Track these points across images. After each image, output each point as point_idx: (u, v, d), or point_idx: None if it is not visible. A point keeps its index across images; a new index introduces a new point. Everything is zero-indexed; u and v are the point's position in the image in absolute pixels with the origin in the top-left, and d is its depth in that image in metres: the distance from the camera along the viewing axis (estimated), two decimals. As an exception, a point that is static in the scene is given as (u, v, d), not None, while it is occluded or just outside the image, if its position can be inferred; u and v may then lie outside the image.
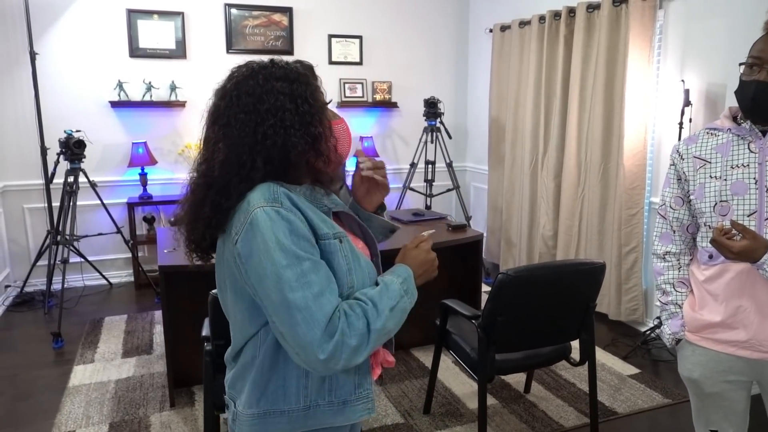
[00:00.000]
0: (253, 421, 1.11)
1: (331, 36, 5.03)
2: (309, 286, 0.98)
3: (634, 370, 3.21)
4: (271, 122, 1.06)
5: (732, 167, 1.50)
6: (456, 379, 3.11)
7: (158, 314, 3.93)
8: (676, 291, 1.66)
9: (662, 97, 3.50)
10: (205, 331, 2.17)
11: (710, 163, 1.55)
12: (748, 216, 1.46)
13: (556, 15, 4.15)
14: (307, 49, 4.96)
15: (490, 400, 2.85)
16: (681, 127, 3.23)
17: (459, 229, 3.44)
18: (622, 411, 2.80)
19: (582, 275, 2.28)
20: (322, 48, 5.03)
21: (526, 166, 4.60)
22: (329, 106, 1.18)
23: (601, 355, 3.36)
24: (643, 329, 3.67)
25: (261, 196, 1.03)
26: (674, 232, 1.67)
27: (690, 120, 3.23)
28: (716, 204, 1.52)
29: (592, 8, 3.83)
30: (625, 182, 3.65)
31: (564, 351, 2.50)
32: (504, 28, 4.81)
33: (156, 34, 4.55)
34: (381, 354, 1.22)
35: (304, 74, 1.12)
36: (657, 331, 1.64)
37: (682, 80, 3.20)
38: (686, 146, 1.62)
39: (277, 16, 4.84)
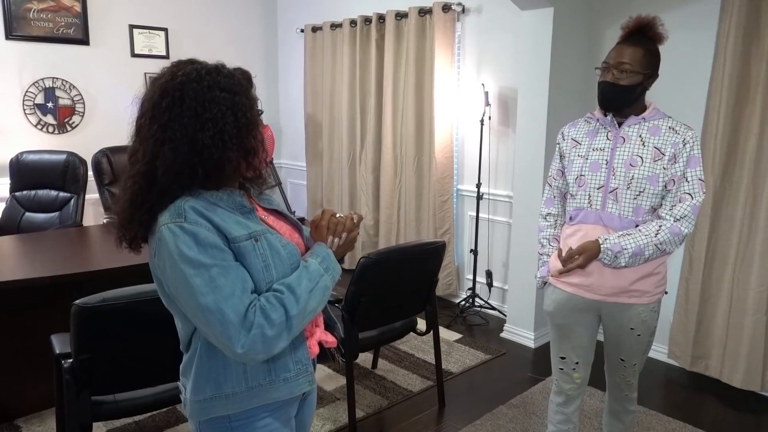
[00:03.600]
0: (200, 405, 1.18)
1: (132, 26, 4.68)
2: (218, 290, 1.05)
3: (457, 336, 3.69)
4: (210, 133, 1.09)
5: (593, 149, 1.90)
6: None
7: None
8: (549, 245, 2.07)
9: (464, 98, 4.05)
10: (60, 347, 1.96)
11: (581, 144, 1.94)
12: (597, 188, 1.87)
13: (367, 20, 4.47)
14: (106, 39, 4.55)
15: (344, 380, 3.04)
16: (482, 124, 3.78)
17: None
18: (456, 370, 3.22)
19: (429, 253, 2.58)
20: (123, 39, 4.66)
21: (344, 161, 4.87)
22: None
23: (424, 324, 3.79)
24: (457, 300, 4.21)
25: (168, 212, 1.09)
26: (555, 198, 2.08)
27: (489, 118, 3.80)
28: (577, 177, 1.91)
29: (401, 16, 4.23)
30: (437, 173, 4.13)
31: (412, 324, 2.79)
32: (315, 29, 5.00)
33: None
34: (318, 334, 1.31)
35: (246, 87, 1.17)
36: (535, 274, 2.12)
37: (483, 83, 3.75)
38: (568, 129, 2.01)
39: (67, 1, 4.34)
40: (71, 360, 1.84)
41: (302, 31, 5.14)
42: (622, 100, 1.84)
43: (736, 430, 2.69)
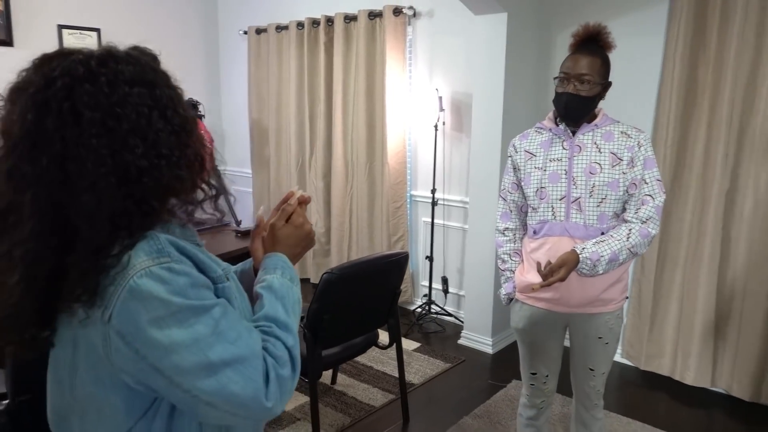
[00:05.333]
0: None
1: (61, 26, 4.36)
2: (226, 335, 0.80)
3: (415, 345, 3.63)
4: (141, 150, 0.78)
5: (550, 160, 1.86)
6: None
7: None
8: (512, 260, 2.00)
9: (417, 103, 4.00)
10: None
11: (536, 156, 1.89)
12: (560, 200, 1.83)
13: (315, 23, 4.35)
14: (32, 40, 4.21)
15: (304, 398, 2.91)
16: (436, 129, 3.74)
17: (247, 235, 3.39)
18: (417, 381, 3.15)
19: (392, 265, 2.51)
20: (51, 40, 4.33)
21: (292, 167, 4.73)
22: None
23: (385, 337, 3.71)
24: (413, 308, 4.15)
25: (141, 252, 0.78)
26: (512, 212, 2.00)
27: (443, 123, 3.77)
28: (537, 189, 1.87)
29: (350, 19, 4.13)
30: (390, 179, 4.06)
31: (374, 337, 2.71)
32: (260, 31, 4.83)
33: None
34: None
35: (162, 71, 0.85)
36: (499, 290, 2.03)
37: (437, 89, 3.71)
38: (520, 141, 1.95)
39: (-14, -2, 4.00)
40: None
41: (245, 33, 4.96)
42: (585, 111, 1.83)
43: (690, 426, 2.76)
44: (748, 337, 2.86)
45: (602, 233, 1.82)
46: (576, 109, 1.81)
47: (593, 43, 1.82)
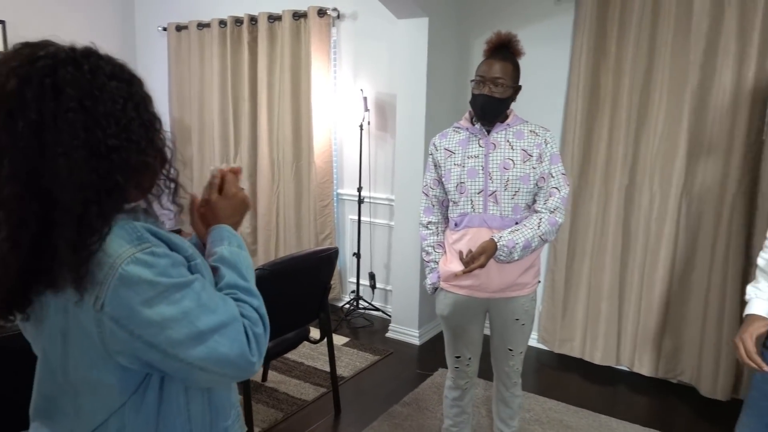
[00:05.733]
0: None
1: (-40, 17, 4.08)
2: (208, 305, 0.89)
3: (345, 340, 3.70)
4: (112, 131, 0.82)
5: (468, 157, 1.99)
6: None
7: None
8: (435, 252, 2.13)
9: (342, 103, 4.08)
10: None
11: (455, 153, 2.02)
12: (478, 193, 1.97)
13: (238, 21, 4.32)
14: (-74, 30, 3.92)
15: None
16: (362, 129, 3.84)
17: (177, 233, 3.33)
18: (347, 374, 3.23)
19: (322, 261, 2.57)
20: (-51, 30, 4.05)
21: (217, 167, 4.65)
22: None
23: (316, 332, 3.76)
24: (341, 304, 4.23)
25: (122, 241, 0.83)
26: (434, 206, 2.13)
27: (369, 123, 3.87)
28: (457, 184, 2.00)
29: (274, 19, 4.15)
30: (317, 178, 4.11)
31: (305, 333, 2.76)
32: (180, 28, 4.73)
33: None
34: None
35: (137, 76, 0.93)
36: (424, 281, 2.14)
37: (361, 89, 3.80)
38: (440, 140, 2.08)
39: None
40: None
41: (165, 29, 4.83)
42: (499, 111, 1.99)
43: (599, 401, 3.02)
44: (646, 317, 3.17)
45: (516, 223, 1.98)
46: (491, 110, 1.97)
47: (505, 50, 1.99)
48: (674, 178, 2.98)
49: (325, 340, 2.79)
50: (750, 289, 1.63)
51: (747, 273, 2.84)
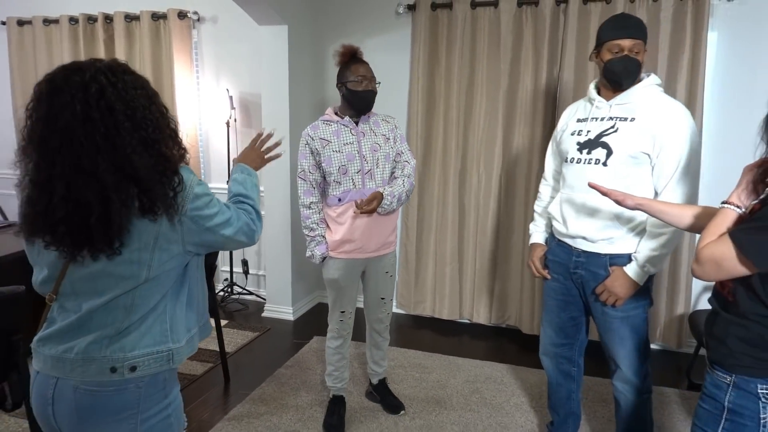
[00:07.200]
0: (185, 348, 1.38)
1: None
2: (225, 207, 1.38)
3: (223, 322, 3.97)
4: (151, 128, 1.22)
5: (344, 144, 2.45)
6: None
7: None
8: (319, 227, 2.52)
9: (207, 102, 4.30)
10: None
11: (331, 142, 2.45)
12: (357, 173, 2.44)
13: (91, 19, 4.31)
14: None
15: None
16: (228, 126, 4.11)
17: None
18: (231, 350, 3.54)
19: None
20: None
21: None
22: None
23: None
24: (215, 292, 4.45)
25: (189, 174, 1.30)
26: (314, 188, 2.52)
27: (235, 120, 4.15)
28: (339, 167, 2.44)
29: (131, 18, 4.23)
30: (185, 173, 4.29)
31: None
32: (22, 22, 4.55)
33: None
34: None
35: (144, 77, 1.29)
36: (308, 254, 2.55)
37: (227, 89, 4.07)
38: (313, 132, 2.48)
39: None
40: None
41: (4, 23, 4.61)
42: (373, 102, 2.51)
43: (447, 346, 3.68)
44: (480, 277, 3.90)
45: None
46: (372, 101, 2.49)
47: (356, 56, 2.48)
48: (494, 162, 3.74)
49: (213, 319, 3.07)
50: (531, 227, 2.41)
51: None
